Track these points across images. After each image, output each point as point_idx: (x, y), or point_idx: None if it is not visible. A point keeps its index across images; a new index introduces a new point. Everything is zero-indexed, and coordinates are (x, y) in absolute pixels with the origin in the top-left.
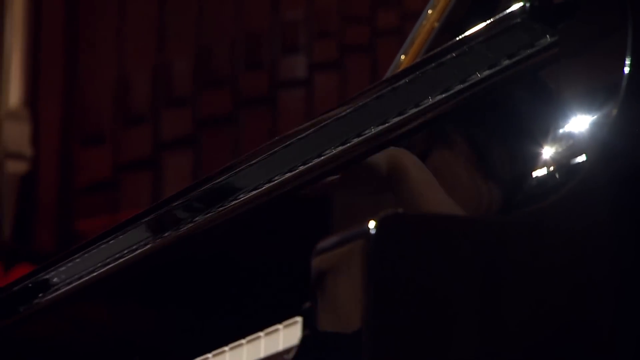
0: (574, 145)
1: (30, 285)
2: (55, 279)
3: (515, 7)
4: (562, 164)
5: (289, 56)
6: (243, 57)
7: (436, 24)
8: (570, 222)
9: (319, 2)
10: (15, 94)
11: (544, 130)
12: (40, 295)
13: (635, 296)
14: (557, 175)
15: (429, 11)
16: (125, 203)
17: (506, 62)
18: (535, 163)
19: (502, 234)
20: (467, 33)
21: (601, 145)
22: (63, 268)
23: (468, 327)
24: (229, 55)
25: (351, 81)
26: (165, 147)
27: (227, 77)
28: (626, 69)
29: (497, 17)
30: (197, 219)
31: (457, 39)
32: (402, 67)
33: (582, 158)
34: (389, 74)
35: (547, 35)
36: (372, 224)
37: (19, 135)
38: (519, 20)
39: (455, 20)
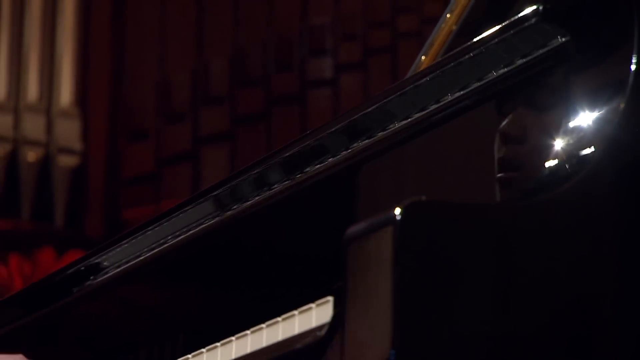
0: (583, 138)
1: (82, 268)
2: (105, 263)
3: (529, 10)
4: (573, 156)
5: (317, 58)
6: (275, 59)
7: (454, 27)
8: (579, 209)
9: (344, 8)
10: (66, 94)
11: (556, 124)
12: (91, 277)
13: (635, 274)
14: (567, 166)
15: (448, 15)
16: (167, 194)
17: (520, 62)
18: (548, 154)
19: (516, 219)
20: (484, 35)
21: (609, 138)
22: (112, 253)
23: (483, 302)
24: (262, 57)
25: (374, 81)
26: (203, 142)
27: (260, 78)
28: (632, 67)
29: (512, 19)
30: (235, 207)
31: (474, 40)
32: (422, 67)
33: (591, 150)
34: (410, 73)
35: (559, 36)
36: (397, 211)
37: (69, 132)
38: (532, 22)
39: (472, 23)
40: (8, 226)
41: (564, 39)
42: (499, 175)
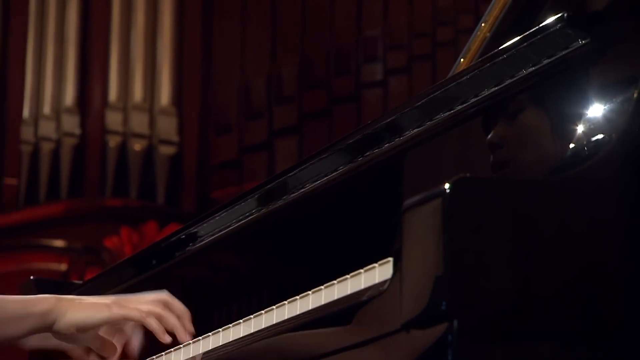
0: (601, 125)
1: (183, 236)
2: (201, 232)
3: (554, 17)
4: (592, 139)
5: (369, 64)
6: (335, 65)
7: (488, 34)
8: (597, 183)
9: (392, 22)
10: (165, 96)
11: (578, 113)
12: (190, 244)
13: (636, 238)
14: (586, 149)
15: (482, 24)
16: (247, 177)
17: (546, 61)
18: (572, 138)
19: (544, 191)
20: (514, 40)
21: (623, 125)
22: (206, 224)
23: (515, 258)
24: (325, 63)
25: (418, 83)
26: (277, 135)
27: (323, 81)
28: None
29: (539, 26)
30: (306, 185)
31: (507, 44)
32: (461, 68)
33: (607, 135)
34: (451, 74)
35: (579, 39)
36: (447, 185)
37: (168, 127)
38: (557, 27)
39: (503, 31)
40: (119, 204)
41: (584, 42)
42: (529, 155)
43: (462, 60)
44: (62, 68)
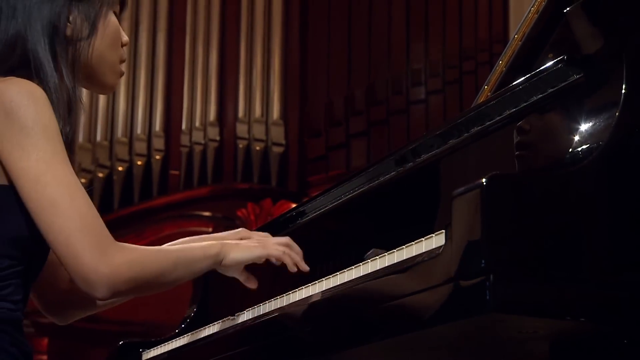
0: (592, 136)
1: (294, 213)
2: (306, 210)
3: (556, 59)
4: (586, 147)
5: (415, 87)
6: (391, 88)
7: (504, 69)
8: (587, 177)
9: (431, 58)
10: (276, 112)
11: (575, 127)
12: (299, 218)
13: (620, 211)
14: (580, 154)
15: (500, 62)
16: (331, 167)
17: (550, 90)
18: (570, 145)
19: (550, 182)
20: (527, 75)
21: (607, 137)
22: (309, 205)
23: (535, 230)
24: (384, 87)
25: (450, 101)
26: (351, 138)
27: (383, 99)
28: (623, 91)
29: (546, 65)
30: (374, 180)
31: (522, 78)
32: (485, 93)
33: (596, 144)
34: (477, 97)
35: (575, 75)
36: (484, 180)
37: (278, 133)
38: (558, 66)
39: (516, 67)
40: (246, 187)
41: (578, 76)
42: (539, 157)
43: (485, 87)
44: (207, 94)
